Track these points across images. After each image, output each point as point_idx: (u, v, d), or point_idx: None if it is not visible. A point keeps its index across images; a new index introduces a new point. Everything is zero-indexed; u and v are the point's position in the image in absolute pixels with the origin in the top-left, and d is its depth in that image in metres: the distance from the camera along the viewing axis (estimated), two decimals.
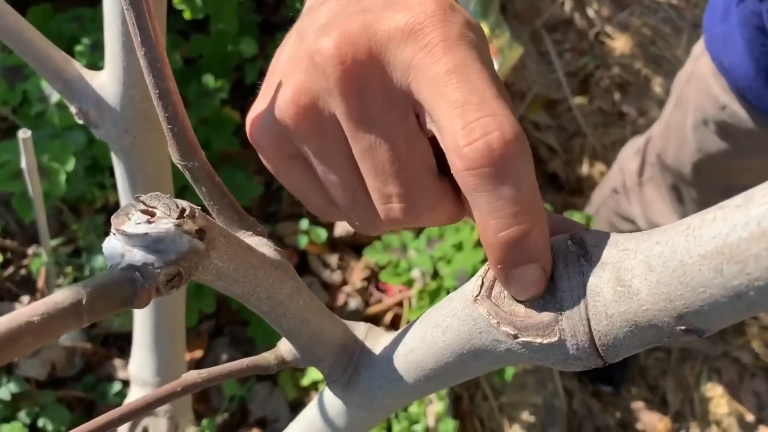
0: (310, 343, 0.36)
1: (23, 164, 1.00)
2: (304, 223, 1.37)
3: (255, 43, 1.42)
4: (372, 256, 1.28)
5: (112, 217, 0.25)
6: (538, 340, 0.26)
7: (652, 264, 0.23)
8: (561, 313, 0.26)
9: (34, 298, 1.30)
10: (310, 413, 0.47)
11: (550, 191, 1.66)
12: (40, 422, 1.20)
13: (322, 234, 1.37)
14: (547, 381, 1.40)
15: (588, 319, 0.25)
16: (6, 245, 1.31)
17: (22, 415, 1.20)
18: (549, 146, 1.72)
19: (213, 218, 0.32)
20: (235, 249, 0.28)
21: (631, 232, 0.94)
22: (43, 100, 1.15)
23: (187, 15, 1.31)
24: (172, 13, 1.38)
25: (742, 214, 0.20)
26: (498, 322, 0.27)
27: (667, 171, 1.10)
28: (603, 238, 0.26)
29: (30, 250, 1.31)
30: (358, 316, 1.39)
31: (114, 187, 1.31)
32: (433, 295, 1.27)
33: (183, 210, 0.25)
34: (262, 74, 1.45)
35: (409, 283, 1.33)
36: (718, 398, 1.50)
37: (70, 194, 1.23)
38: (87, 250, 1.24)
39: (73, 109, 0.52)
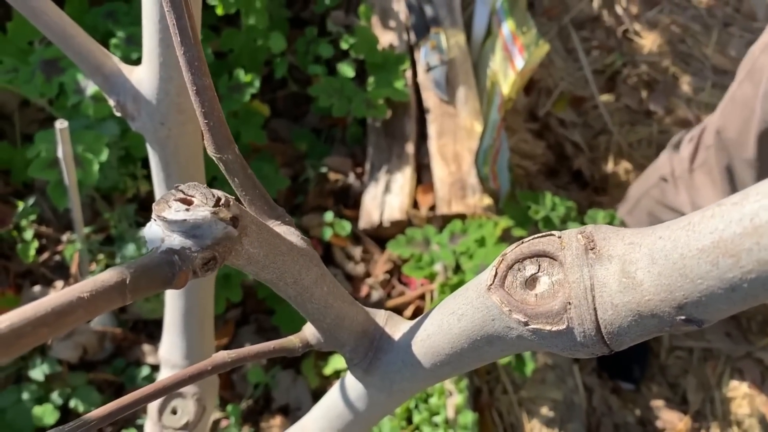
0: (333, 328, 0.38)
1: (59, 153, 1.04)
2: (329, 216, 1.39)
3: (284, 39, 1.44)
4: (395, 249, 1.30)
5: (153, 204, 0.27)
6: (548, 328, 0.28)
7: (654, 257, 0.25)
8: (569, 303, 0.28)
9: (67, 283, 1.35)
10: (331, 397, 0.49)
11: (574, 189, 1.66)
12: (72, 403, 1.24)
13: (346, 226, 1.39)
14: (567, 377, 1.41)
15: (595, 309, 0.27)
16: (41, 232, 1.35)
17: (55, 395, 1.24)
18: (574, 143, 1.72)
19: (245, 207, 0.34)
20: (266, 236, 0.30)
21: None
22: (79, 92, 1.18)
23: (219, 10, 1.34)
24: (205, 7, 1.41)
25: (737, 210, 0.21)
26: (510, 310, 0.29)
27: (724, 150, 1.11)
28: (611, 232, 0.28)
29: (64, 237, 1.35)
30: (380, 307, 1.41)
31: (145, 177, 1.35)
32: (454, 289, 1.29)
33: (219, 199, 0.27)
34: (291, 69, 1.50)
35: (432, 277, 1.35)
36: (739, 399, 1.49)
37: (103, 183, 1.27)
38: (119, 237, 1.28)
39: (111, 102, 0.55)
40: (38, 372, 1.24)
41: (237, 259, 0.29)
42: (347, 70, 1.43)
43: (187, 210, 0.26)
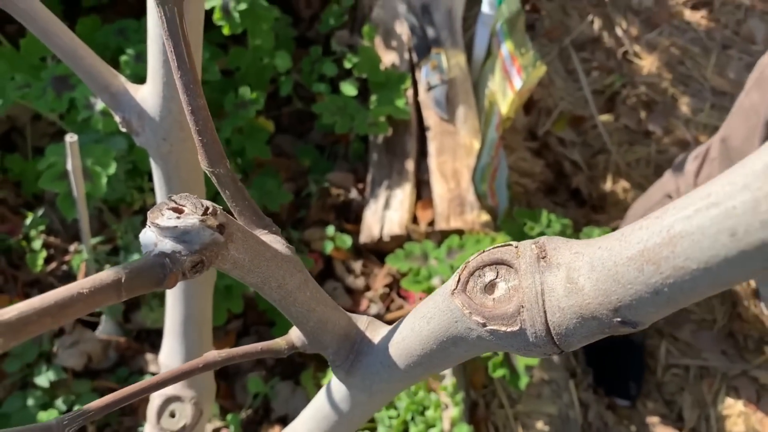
0: (316, 331, 0.41)
1: (69, 166, 1.08)
2: (330, 230, 1.42)
3: (289, 58, 1.48)
4: (394, 264, 1.33)
5: (148, 212, 0.30)
6: (503, 329, 0.31)
7: (594, 264, 0.28)
8: (523, 306, 0.30)
9: None
10: (319, 400, 0.52)
11: (572, 206, 1.68)
12: (75, 409, 1.27)
13: (347, 240, 1.42)
14: (563, 392, 1.43)
15: (545, 312, 0.30)
16: (50, 242, 1.39)
17: (59, 402, 1.27)
18: (573, 162, 1.75)
19: (234, 218, 0.37)
20: (251, 243, 0.33)
21: None
22: (89, 107, 1.22)
23: (225, 30, 1.38)
24: (213, 26, 1.46)
25: (658, 223, 0.24)
26: (470, 312, 0.32)
27: (728, 159, 1.13)
28: (561, 243, 0.31)
29: (72, 248, 1.38)
30: (378, 319, 1.44)
31: (152, 190, 1.38)
32: None
33: (207, 208, 0.31)
34: (296, 87, 1.54)
35: (429, 291, 1.37)
36: (735, 417, 1.50)
37: (111, 196, 1.31)
38: (125, 248, 1.32)
39: (117, 119, 0.58)
40: (43, 379, 1.27)
41: (223, 264, 0.32)
42: (350, 88, 1.46)
43: (178, 218, 0.30)
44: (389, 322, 1.35)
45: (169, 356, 0.72)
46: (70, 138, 1.03)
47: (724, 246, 0.21)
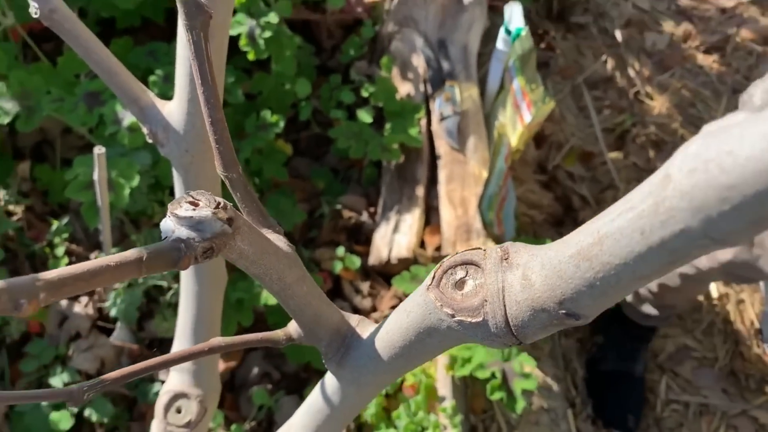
0: (311, 324, 0.46)
1: (95, 177, 1.14)
2: (340, 250, 1.47)
3: (310, 85, 1.55)
4: (400, 285, 1.37)
5: (169, 204, 0.35)
6: (469, 320, 0.35)
7: (544, 263, 0.32)
8: (486, 300, 0.35)
9: (91, 299, 1.44)
10: (313, 395, 0.56)
11: None
12: (86, 412, 1.32)
13: (356, 261, 1.47)
14: (561, 420, 1.45)
15: (504, 305, 0.34)
16: (72, 249, 1.45)
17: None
18: (582, 196, 1.79)
19: (242, 214, 0.42)
20: (255, 237, 0.38)
21: (683, 274, 1.00)
22: (117, 122, 1.29)
23: (250, 56, 1.45)
24: (239, 52, 1.53)
25: (591, 226, 0.29)
26: (441, 305, 0.36)
27: None
28: (521, 247, 0.35)
29: (92, 255, 1.44)
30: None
31: None
32: None
33: (218, 203, 0.36)
34: (315, 112, 1.62)
35: None
36: None
37: (132, 208, 1.37)
38: None
39: (145, 130, 0.64)
40: (58, 380, 1.32)
41: (231, 253, 0.37)
42: (366, 115, 1.52)
43: (194, 210, 0.35)
44: None
45: None
46: (98, 150, 1.10)
47: (637, 243, 0.26)
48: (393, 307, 1.53)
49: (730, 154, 0.21)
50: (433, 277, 0.37)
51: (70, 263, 1.48)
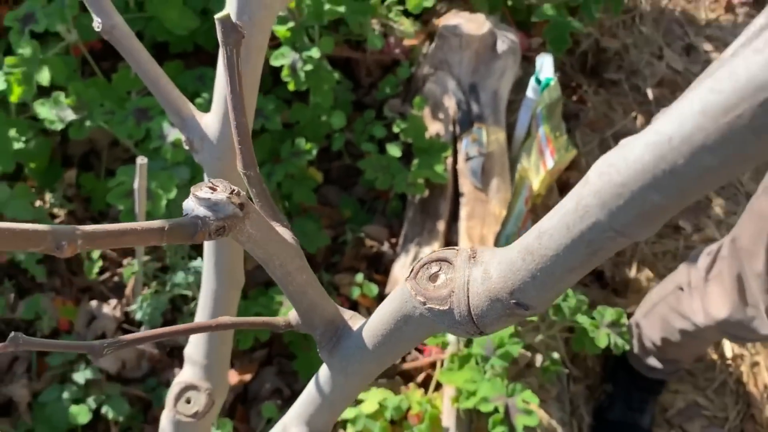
0: (308, 312, 0.52)
1: (135, 185, 1.22)
2: (359, 277, 1.53)
3: (345, 118, 1.63)
4: None
5: (192, 187, 0.42)
6: (437, 307, 0.41)
7: (501, 259, 0.37)
8: (453, 291, 0.40)
9: (119, 302, 1.51)
10: (308, 388, 0.62)
11: (595, 287, 1.75)
12: (104, 409, 1.38)
13: (374, 289, 1.52)
14: None
15: (468, 296, 0.40)
16: (107, 254, 1.54)
17: (90, 400, 1.38)
18: None
19: (254, 204, 0.48)
20: (263, 224, 0.45)
21: (682, 330, 1.05)
22: (162, 137, 1.38)
23: (291, 86, 1.54)
24: (281, 83, 1.63)
25: (536, 226, 0.34)
26: (415, 294, 0.42)
27: (737, 259, 1.19)
28: (488, 248, 0.41)
29: (125, 262, 1.52)
30: (393, 369, 1.52)
31: None
32: (462, 361, 1.38)
33: (233, 190, 0.42)
34: (347, 144, 1.72)
35: (444, 346, 1.45)
36: None
37: (168, 218, 1.45)
38: (171, 268, 1.45)
39: (183, 138, 0.71)
40: (80, 376, 1.39)
41: (240, 235, 0.43)
42: (395, 150, 1.59)
43: (212, 193, 0.41)
44: (404, 373, 1.44)
45: (193, 349, 0.83)
46: (141, 160, 1.18)
47: (563, 236, 0.31)
48: None
49: (624, 159, 0.26)
50: (411, 270, 0.43)
51: (103, 267, 1.56)
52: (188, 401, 0.82)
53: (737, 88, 0.19)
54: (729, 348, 1.72)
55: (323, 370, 0.57)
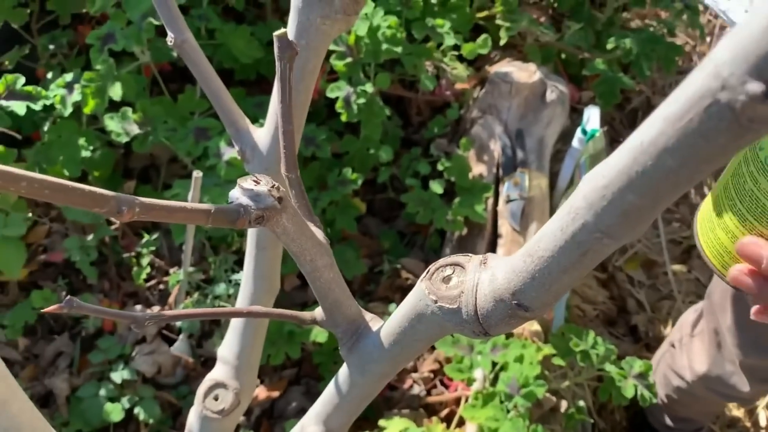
0: (332, 309, 0.56)
1: (189, 197, 1.30)
2: (392, 307, 1.56)
3: (392, 152, 1.69)
4: (441, 347, 1.44)
5: (239, 179, 0.47)
6: (447, 305, 0.44)
7: (507, 263, 0.41)
8: (462, 292, 0.44)
9: (163, 309, 1.58)
10: (327, 388, 0.65)
11: (627, 341, 1.74)
12: (136, 410, 1.43)
13: None
14: None
15: (476, 297, 0.43)
16: (155, 262, 1.61)
17: (125, 399, 1.44)
18: (638, 301, 1.82)
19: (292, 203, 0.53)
20: (298, 219, 0.49)
21: (677, 388, 1.07)
22: (218, 155, 1.46)
23: (343, 117, 1.61)
24: (334, 116, 1.70)
25: (538, 233, 0.38)
26: (429, 292, 0.45)
27: (712, 314, 1.20)
28: (497, 257, 0.44)
29: (171, 271, 1.60)
30: (418, 401, 1.53)
31: None
32: (487, 399, 1.39)
33: (274, 185, 0.47)
34: (392, 178, 1.78)
35: (470, 382, 1.46)
36: None
37: (215, 233, 1.52)
38: (214, 280, 1.51)
39: (236, 148, 0.77)
40: (118, 376, 1.45)
41: (276, 227, 0.48)
42: (438, 187, 1.64)
43: (255, 185, 0.46)
44: (428, 407, 1.46)
45: (227, 349, 0.87)
46: (197, 173, 1.26)
47: (558, 239, 0.35)
48: (432, 371, 1.59)
49: (607, 164, 0.30)
50: (428, 271, 0.47)
51: (150, 276, 1.64)
52: (216, 398, 0.87)
53: (688, 97, 0.23)
54: (763, 416, 1.68)
55: (342, 370, 0.61)
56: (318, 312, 0.58)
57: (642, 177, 0.27)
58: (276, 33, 0.52)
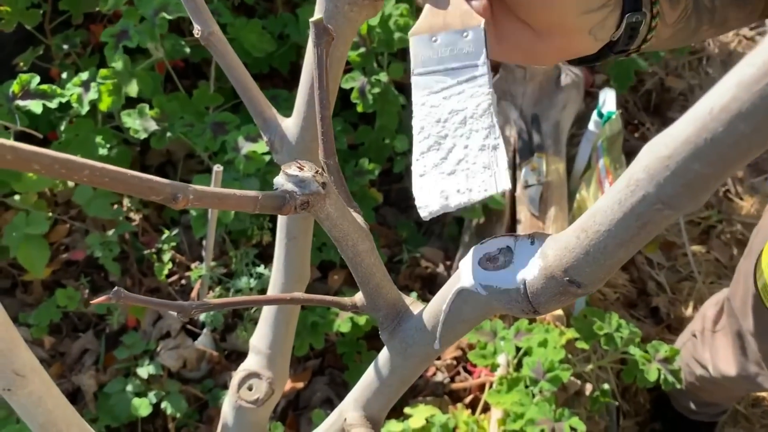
0: (373, 293, 0.56)
1: None
2: (413, 296, 1.56)
3: (408, 142, 1.69)
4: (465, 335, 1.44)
5: (283, 165, 0.47)
6: (495, 285, 0.45)
7: (557, 240, 0.41)
8: (511, 272, 0.44)
9: None
10: (367, 372, 0.66)
11: (649, 323, 1.74)
12: (163, 404, 1.44)
13: None
14: None
15: (524, 276, 0.43)
16: (176, 258, 1.62)
17: (152, 394, 1.45)
18: (658, 283, 1.81)
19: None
20: (340, 205, 0.50)
21: (701, 377, 1.07)
22: (236, 150, 1.47)
23: (359, 108, 1.61)
24: (349, 106, 1.70)
25: (591, 209, 0.38)
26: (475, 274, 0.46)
27: (733, 316, 1.19)
28: (544, 234, 0.44)
29: (193, 266, 1.60)
30: (442, 388, 1.54)
31: (270, 229, 1.59)
32: (512, 384, 1.40)
33: (318, 170, 0.47)
34: (408, 167, 1.75)
35: (494, 368, 1.47)
36: None
37: (235, 227, 1.53)
38: (236, 274, 1.52)
39: (265, 138, 0.77)
40: (144, 371, 1.46)
41: (320, 212, 0.48)
42: None
43: (300, 171, 0.46)
44: (452, 393, 1.46)
45: (259, 339, 0.88)
46: (217, 168, 1.26)
47: (615, 212, 0.35)
48: (455, 358, 1.59)
49: (670, 134, 0.30)
50: (473, 255, 0.47)
51: (171, 271, 1.64)
52: (250, 388, 0.87)
53: (765, 60, 0.23)
54: None
55: (383, 354, 0.62)
56: (358, 297, 0.58)
57: (710, 145, 0.27)
58: (312, 19, 0.52)
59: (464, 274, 0.48)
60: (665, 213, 0.33)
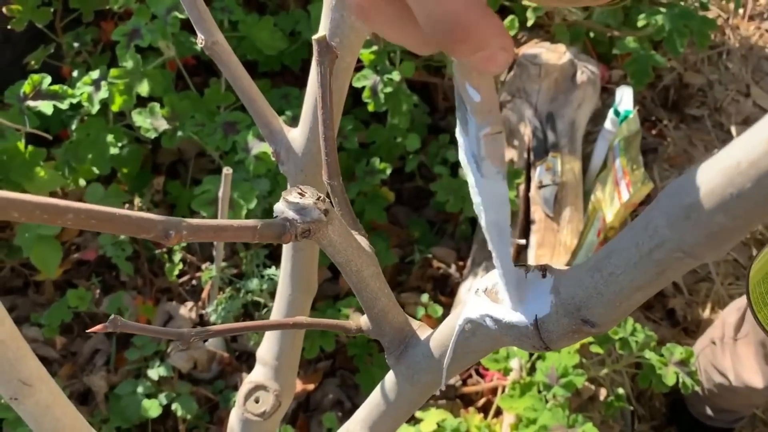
0: (379, 318, 0.54)
1: (220, 194, 1.29)
2: (425, 297, 1.55)
3: (419, 140, 1.66)
4: None
5: (283, 192, 0.45)
6: (504, 320, 0.43)
7: (569, 276, 0.39)
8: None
9: (196, 305, 1.58)
10: (373, 393, 0.64)
11: (665, 325, 1.71)
12: (173, 406, 1.44)
13: (438, 311, 1.53)
14: None
15: (536, 311, 0.41)
16: (187, 258, 1.61)
17: (162, 396, 1.45)
18: (675, 284, 1.78)
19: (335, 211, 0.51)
20: (343, 230, 0.48)
21: (720, 384, 1.04)
22: (246, 150, 1.45)
23: (370, 107, 1.59)
24: (360, 104, 1.68)
25: (607, 248, 0.36)
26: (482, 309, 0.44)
27: (756, 327, 1.16)
28: (555, 266, 0.42)
29: (203, 266, 1.60)
30: (454, 391, 1.52)
31: None
32: (525, 388, 1.38)
33: (319, 197, 0.45)
34: (420, 166, 1.76)
35: (507, 372, 1.45)
36: None
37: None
38: (246, 275, 1.51)
39: (271, 149, 0.76)
40: (154, 372, 1.46)
41: (323, 239, 0.47)
42: None
43: (300, 198, 0.45)
44: (464, 397, 1.44)
45: (266, 351, 0.86)
46: (227, 170, 1.25)
47: (633, 255, 0.32)
48: None
49: (694, 182, 0.27)
50: (480, 288, 0.45)
51: (182, 272, 1.64)
52: (257, 401, 0.86)
53: None
54: None
55: (389, 377, 0.60)
56: (364, 321, 0.56)
57: (737, 199, 0.25)
58: (314, 37, 0.50)
59: (471, 304, 0.46)
60: (686, 261, 0.31)
